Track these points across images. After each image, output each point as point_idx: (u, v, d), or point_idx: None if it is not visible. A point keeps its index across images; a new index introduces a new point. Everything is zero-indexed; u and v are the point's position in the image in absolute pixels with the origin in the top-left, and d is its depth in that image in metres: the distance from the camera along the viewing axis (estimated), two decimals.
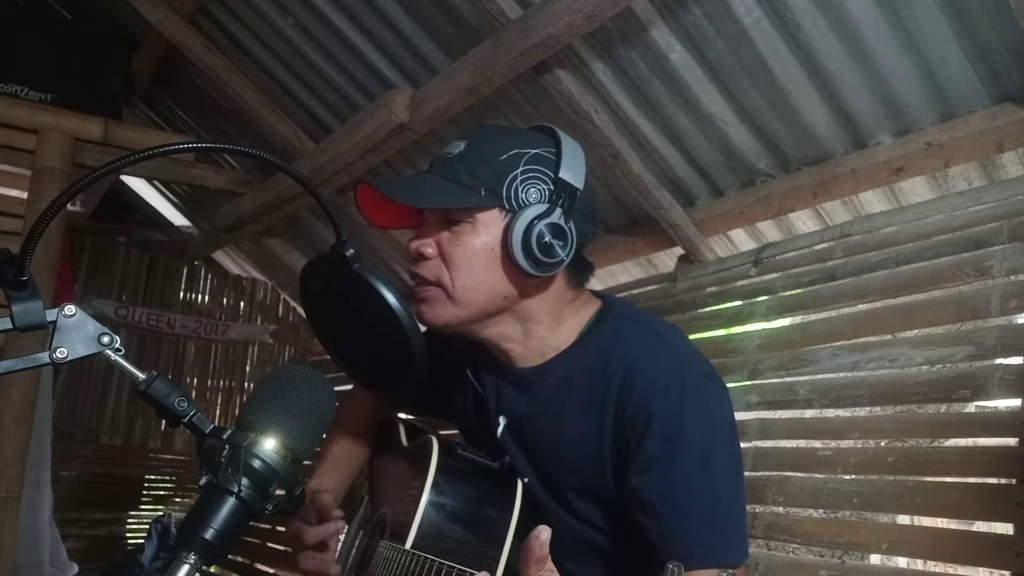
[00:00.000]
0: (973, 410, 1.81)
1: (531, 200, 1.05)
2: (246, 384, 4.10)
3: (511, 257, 1.04)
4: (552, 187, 1.06)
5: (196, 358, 4.01)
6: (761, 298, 1.79)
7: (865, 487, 1.40)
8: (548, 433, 1.11)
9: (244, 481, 0.66)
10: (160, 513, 3.85)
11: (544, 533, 0.71)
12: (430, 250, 1.08)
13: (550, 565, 0.71)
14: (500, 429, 1.17)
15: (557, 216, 1.04)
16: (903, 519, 1.78)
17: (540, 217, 1.03)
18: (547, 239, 1.02)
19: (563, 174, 1.06)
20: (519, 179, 1.05)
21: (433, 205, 1.08)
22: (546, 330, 1.12)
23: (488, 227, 1.06)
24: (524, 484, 1.13)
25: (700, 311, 1.93)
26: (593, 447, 1.06)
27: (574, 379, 1.10)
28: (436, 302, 1.08)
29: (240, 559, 3.41)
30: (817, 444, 1.55)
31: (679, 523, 0.98)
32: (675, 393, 1.01)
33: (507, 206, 1.05)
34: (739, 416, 1.65)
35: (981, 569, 2.29)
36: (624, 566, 1.10)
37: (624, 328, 1.10)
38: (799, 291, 1.71)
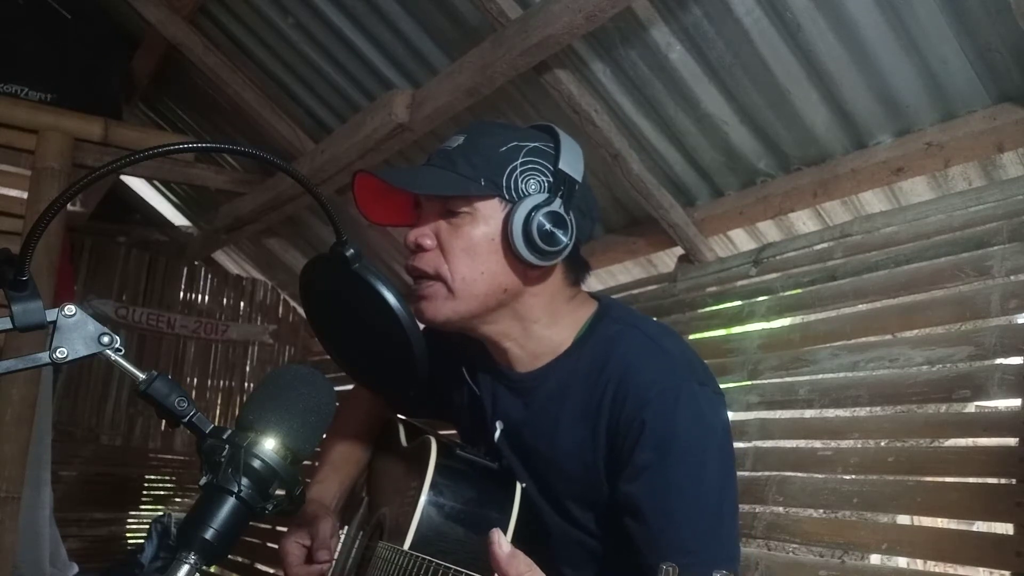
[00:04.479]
0: (973, 410, 1.81)
1: (531, 191, 1.05)
2: (246, 384, 4.10)
3: (512, 247, 1.04)
4: (551, 179, 1.06)
5: (196, 358, 4.01)
6: (761, 298, 1.79)
7: (865, 487, 1.40)
8: (544, 439, 1.11)
9: (244, 481, 0.66)
10: (160, 513, 3.86)
11: (495, 535, 0.69)
12: (428, 241, 1.08)
13: (518, 562, 0.69)
14: (497, 434, 1.17)
15: (557, 206, 1.04)
16: (903, 519, 1.77)
17: (540, 206, 1.03)
18: (548, 227, 1.02)
19: (562, 166, 1.06)
20: (519, 170, 1.05)
21: (433, 191, 1.07)
22: (543, 329, 1.12)
23: (488, 217, 1.06)
24: (523, 485, 1.13)
25: (700, 311, 1.93)
26: (588, 454, 1.06)
27: (570, 385, 1.09)
28: (436, 298, 1.08)
29: (240, 559, 3.41)
30: (817, 444, 1.55)
31: (668, 531, 0.97)
32: (668, 400, 1.00)
33: (507, 196, 1.05)
34: (739, 416, 1.65)
35: (981, 569, 2.29)
36: (621, 572, 1.09)
37: (620, 333, 1.09)
38: (799, 291, 1.71)
